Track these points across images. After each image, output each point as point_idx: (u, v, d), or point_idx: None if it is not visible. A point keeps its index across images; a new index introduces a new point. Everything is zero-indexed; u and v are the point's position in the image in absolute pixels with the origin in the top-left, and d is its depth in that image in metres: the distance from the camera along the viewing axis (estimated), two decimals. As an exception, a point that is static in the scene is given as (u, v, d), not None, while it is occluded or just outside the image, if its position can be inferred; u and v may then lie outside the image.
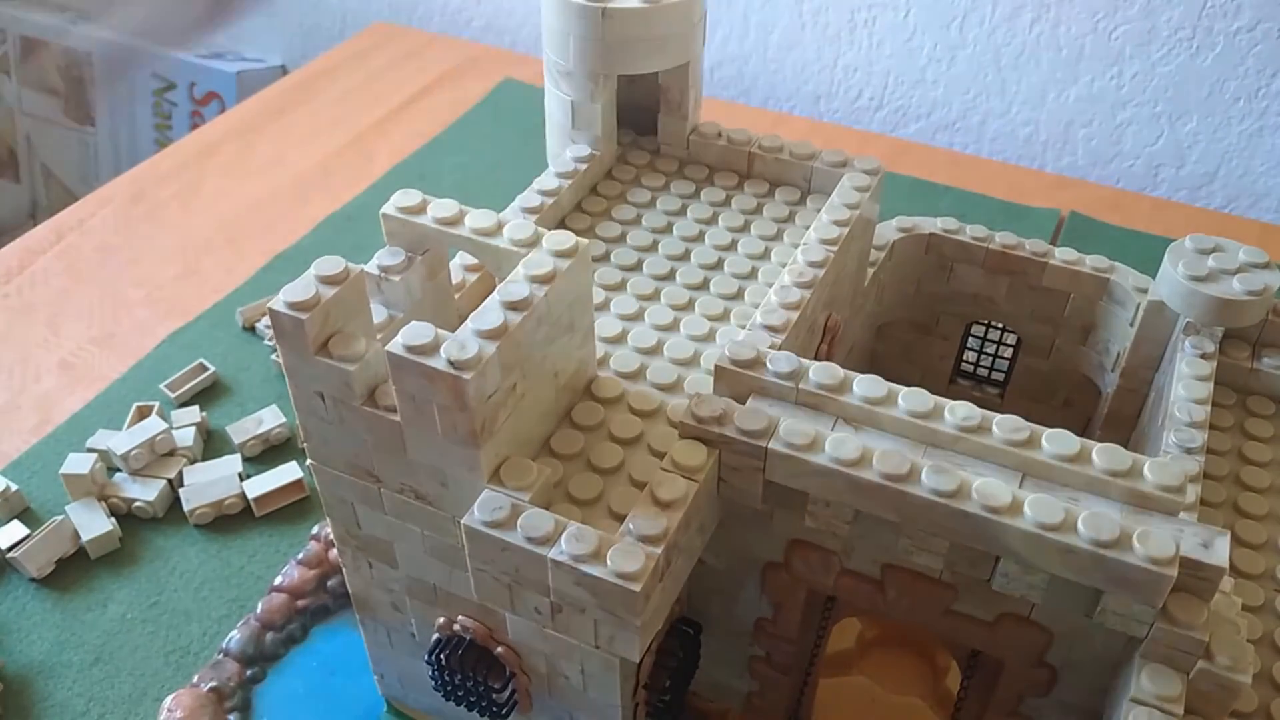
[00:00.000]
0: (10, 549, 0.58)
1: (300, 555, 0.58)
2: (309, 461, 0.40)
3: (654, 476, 0.36)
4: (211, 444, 0.66)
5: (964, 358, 0.59)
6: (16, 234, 0.85)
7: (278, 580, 0.57)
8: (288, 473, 0.62)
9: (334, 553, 0.57)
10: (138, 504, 0.61)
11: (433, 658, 0.42)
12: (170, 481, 0.62)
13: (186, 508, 0.61)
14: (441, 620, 0.43)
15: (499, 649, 0.41)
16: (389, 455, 0.37)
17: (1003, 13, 0.93)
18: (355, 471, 0.39)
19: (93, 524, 0.59)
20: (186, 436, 0.64)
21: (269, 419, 0.65)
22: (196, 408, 0.66)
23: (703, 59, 0.52)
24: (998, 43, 0.95)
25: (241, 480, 0.62)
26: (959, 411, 0.36)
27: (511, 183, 0.51)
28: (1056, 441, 0.35)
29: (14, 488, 0.61)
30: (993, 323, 0.57)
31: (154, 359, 0.72)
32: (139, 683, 0.53)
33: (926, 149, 0.97)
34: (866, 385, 0.37)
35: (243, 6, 1.22)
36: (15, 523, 0.59)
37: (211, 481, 0.62)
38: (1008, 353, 0.58)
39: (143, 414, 0.66)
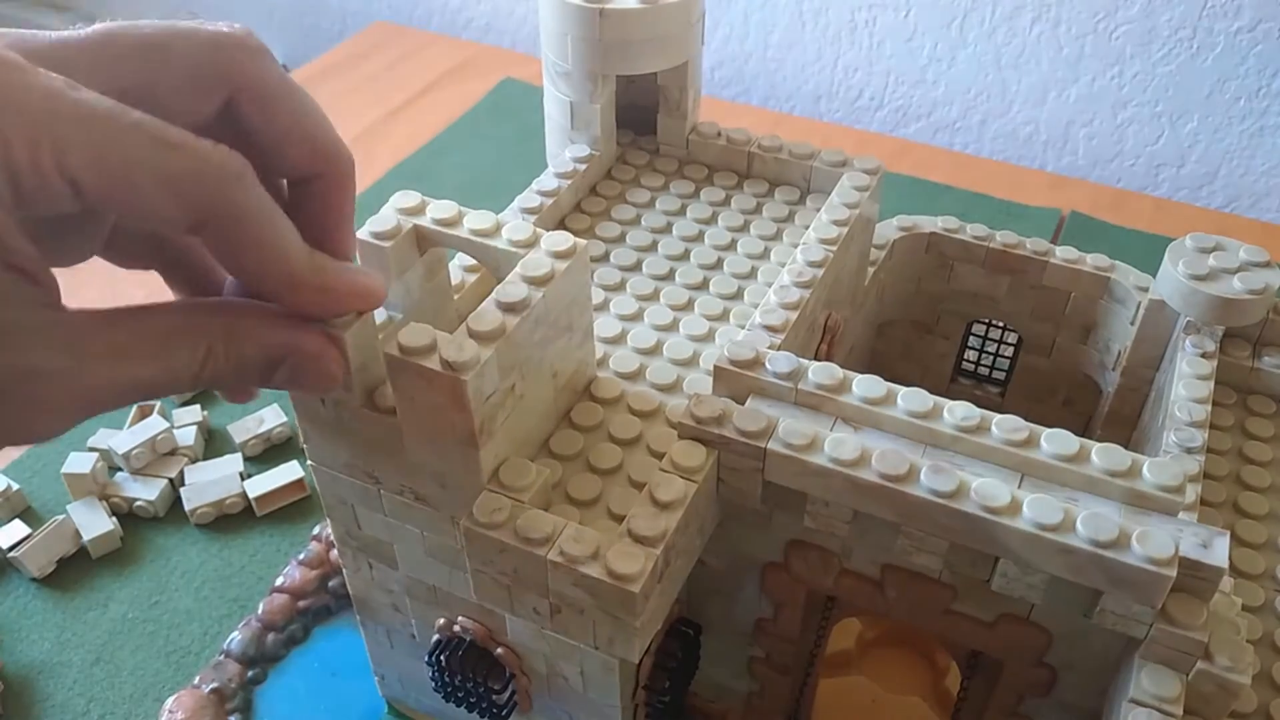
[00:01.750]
0: (11, 549, 0.58)
1: (301, 555, 0.58)
2: (309, 462, 0.40)
3: (653, 477, 0.36)
4: (213, 443, 0.66)
5: (965, 357, 0.59)
6: (17, 234, 0.85)
7: (279, 580, 0.57)
8: (289, 472, 0.62)
9: (335, 553, 0.57)
10: (139, 503, 0.61)
11: (433, 659, 0.42)
12: (171, 481, 0.62)
13: (188, 507, 0.61)
14: (441, 621, 0.43)
15: (499, 650, 0.41)
16: (388, 456, 0.37)
17: (1003, 13, 0.93)
18: (354, 473, 0.39)
19: (94, 523, 0.59)
20: (188, 436, 0.64)
21: (270, 418, 0.65)
22: (198, 407, 0.66)
23: (702, 59, 0.52)
24: (998, 43, 0.95)
25: (243, 480, 0.62)
26: (958, 411, 0.36)
27: (511, 183, 0.51)
28: (1056, 441, 0.35)
29: (15, 487, 0.61)
30: (993, 321, 0.57)
31: (155, 359, 0.72)
32: (140, 683, 0.53)
33: (926, 149, 0.96)
34: (866, 385, 0.37)
35: None
36: (16, 522, 0.60)
37: (213, 481, 0.62)
38: (1008, 352, 0.58)
39: (144, 413, 0.66)
